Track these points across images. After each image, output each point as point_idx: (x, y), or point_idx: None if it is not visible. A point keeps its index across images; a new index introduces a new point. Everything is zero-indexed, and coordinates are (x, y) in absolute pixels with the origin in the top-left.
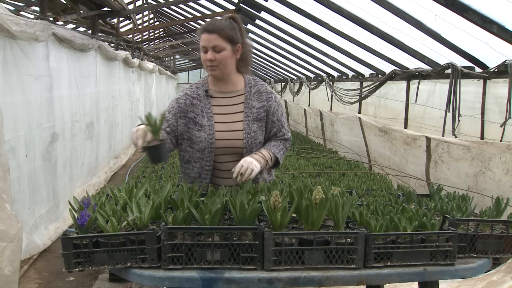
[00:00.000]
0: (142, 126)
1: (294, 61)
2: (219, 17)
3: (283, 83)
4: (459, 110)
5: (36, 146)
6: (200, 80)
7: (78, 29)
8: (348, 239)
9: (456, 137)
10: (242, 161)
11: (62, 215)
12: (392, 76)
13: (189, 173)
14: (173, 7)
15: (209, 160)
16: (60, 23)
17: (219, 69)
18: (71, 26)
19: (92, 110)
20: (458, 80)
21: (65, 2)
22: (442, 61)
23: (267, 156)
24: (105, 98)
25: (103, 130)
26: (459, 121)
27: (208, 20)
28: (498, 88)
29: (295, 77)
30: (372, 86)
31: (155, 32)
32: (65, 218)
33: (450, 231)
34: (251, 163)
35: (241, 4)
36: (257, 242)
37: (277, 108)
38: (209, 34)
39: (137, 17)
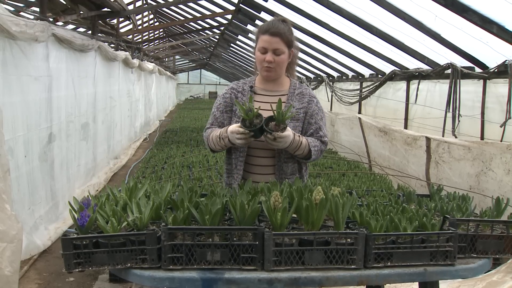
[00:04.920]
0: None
1: None
2: (274, 18)
3: None
4: (459, 110)
5: (34, 146)
6: (249, 78)
7: (78, 29)
8: (348, 240)
9: (456, 137)
10: (286, 133)
11: (62, 215)
12: (392, 76)
13: (229, 162)
14: (173, 7)
15: (242, 152)
16: (60, 23)
17: (275, 71)
18: (71, 26)
19: (88, 111)
20: (458, 80)
21: (65, 2)
22: (442, 61)
23: (304, 142)
24: (103, 98)
25: (100, 130)
26: (459, 121)
27: (206, 19)
28: (498, 88)
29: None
30: (372, 87)
31: (155, 32)
32: (65, 218)
33: (450, 231)
34: (286, 142)
35: (240, 5)
36: (257, 243)
37: (316, 111)
38: (272, 37)
39: (137, 17)
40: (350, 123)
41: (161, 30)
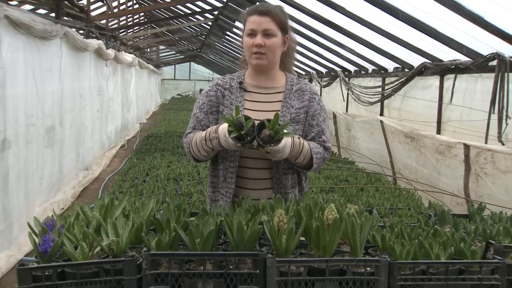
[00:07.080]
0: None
1: (302, 53)
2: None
3: None
4: (507, 111)
5: None
6: (237, 73)
7: (38, 11)
8: (368, 268)
9: (503, 144)
10: (281, 144)
11: (17, 240)
12: (422, 71)
13: (215, 174)
14: None
15: (233, 161)
16: (15, 3)
17: (267, 58)
18: (29, 7)
19: (54, 112)
20: (506, 73)
21: None
22: (485, 51)
23: (306, 147)
24: (71, 96)
25: (68, 135)
26: (507, 124)
27: (196, 2)
28: None
29: (303, 72)
30: (397, 83)
31: (135, 17)
32: (20, 244)
33: (495, 260)
34: (283, 152)
35: None
36: (257, 271)
37: (319, 111)
38: (260, 16)
39: None
40: (370, 127)
41: (142, 14)
